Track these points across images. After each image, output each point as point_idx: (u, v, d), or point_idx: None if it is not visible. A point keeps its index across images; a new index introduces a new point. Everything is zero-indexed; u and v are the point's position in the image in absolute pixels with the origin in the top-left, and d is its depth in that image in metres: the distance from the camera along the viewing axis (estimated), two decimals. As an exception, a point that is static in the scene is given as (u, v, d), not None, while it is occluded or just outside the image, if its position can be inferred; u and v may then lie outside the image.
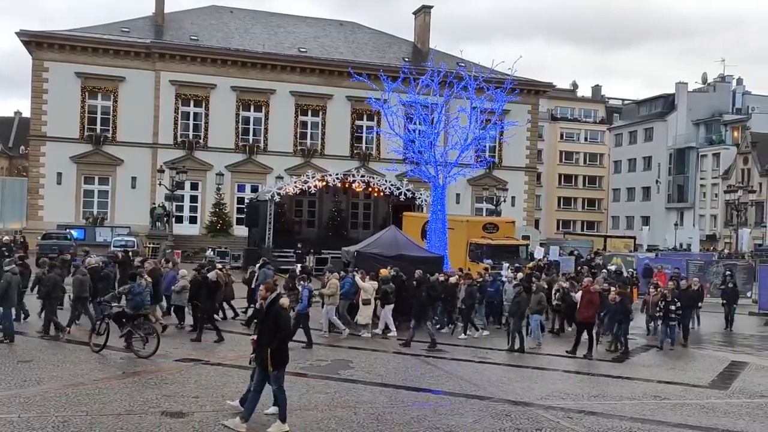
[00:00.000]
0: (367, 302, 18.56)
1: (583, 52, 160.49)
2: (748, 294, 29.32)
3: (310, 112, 50.27)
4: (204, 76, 47.60)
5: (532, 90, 53.69)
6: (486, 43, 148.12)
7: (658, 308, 19.12)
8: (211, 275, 18.16)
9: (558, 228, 79.01)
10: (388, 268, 20.22)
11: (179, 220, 45.71)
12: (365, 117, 50.43)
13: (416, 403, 12.28)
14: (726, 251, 51.88)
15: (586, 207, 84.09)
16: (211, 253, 36.88)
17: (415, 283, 18.73)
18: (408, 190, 37.93)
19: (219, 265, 21.17)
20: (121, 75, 46.21)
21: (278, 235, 36.89)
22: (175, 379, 12.98)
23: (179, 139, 47.27)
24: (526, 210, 54.51)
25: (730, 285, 23.65)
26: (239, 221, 45.73)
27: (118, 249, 33.07)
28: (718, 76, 76.99)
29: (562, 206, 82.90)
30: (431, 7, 57.30)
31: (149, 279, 17.04)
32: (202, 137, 47.88)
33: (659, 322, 19.20)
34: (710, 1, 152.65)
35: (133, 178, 46.50)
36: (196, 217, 47.87)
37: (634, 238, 58.62)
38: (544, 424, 11.03)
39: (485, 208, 49.86)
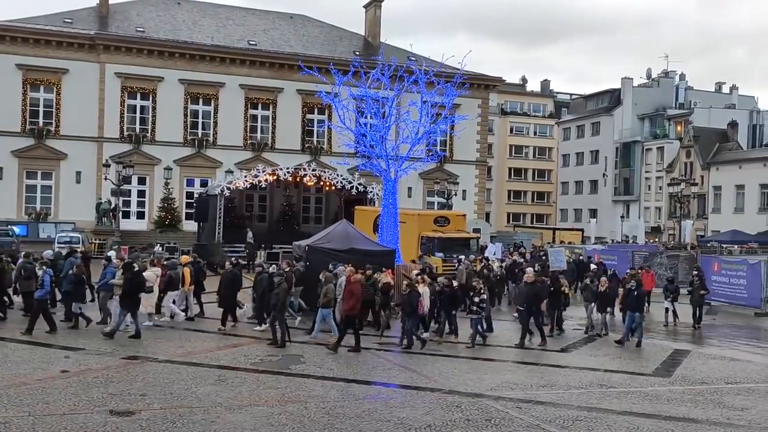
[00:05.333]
0: (149, 290, 17.91)
1: (504, 48, 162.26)
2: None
3: (260, 106, 49.73)
4: (151, 69, 46.59)
5: (482, 84, 54.14)
6: (412, 36, 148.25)
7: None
8: None
9: (508, 221, 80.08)
10: (188, 255, 21.44)
11: (126, 215, 44.69)
12: (316, 110, 50.14)
13: (367, 396, 12.31)
14: (664, 243, 53.12)
15: (535, 200, 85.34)
16: (160, 248, 36.26)
17: (122, 270, 17.90)
18: (359, 184, 37.85)
19: None
20: (64, 67, 44.96)
21: (228, 229, 36.45)
22: (122, 377, 12.74)
23: (126, 133, 46.21)
24: (477, 203, 55.02)
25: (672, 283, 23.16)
26: (188, 216, 44.97)
27: (63, 245, 32.37)
28: (662, 71, 79.02)
29: (512, 199, 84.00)
30: (382, 0, 57.22)
31: None
32: (149, 131, 46.89)
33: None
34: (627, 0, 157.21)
35: (78, 173, 45.30)
36: (143, 212, 46.92)
37: (582, 230, 59.78)
38: (493, 414, 11.16)
39: (437, 202, 50.14)
